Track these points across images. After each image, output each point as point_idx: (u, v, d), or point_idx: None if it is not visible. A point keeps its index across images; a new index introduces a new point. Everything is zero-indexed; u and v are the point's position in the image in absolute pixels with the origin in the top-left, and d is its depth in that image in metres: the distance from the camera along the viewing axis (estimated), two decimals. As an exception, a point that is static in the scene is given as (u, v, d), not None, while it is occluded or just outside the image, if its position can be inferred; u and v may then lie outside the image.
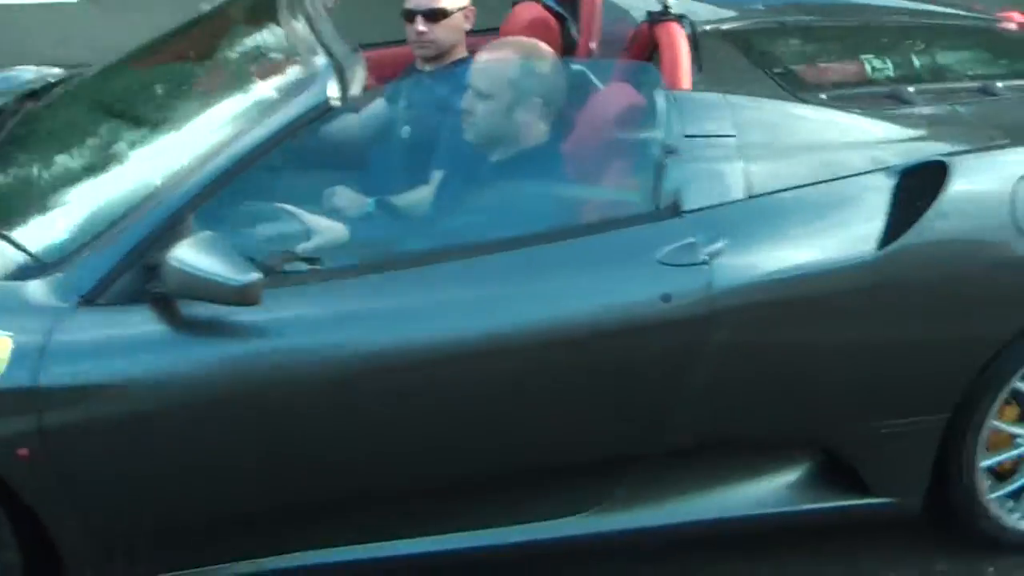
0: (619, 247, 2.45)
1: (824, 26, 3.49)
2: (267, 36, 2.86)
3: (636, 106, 2.63)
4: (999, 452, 2.82)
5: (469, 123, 2.74)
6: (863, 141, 2.66)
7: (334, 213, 2.88)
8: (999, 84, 3.02)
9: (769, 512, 2.69)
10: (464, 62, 3.13)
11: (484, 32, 3.37)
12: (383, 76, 3.30)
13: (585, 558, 2.73)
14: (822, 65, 3.17)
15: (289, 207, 2.75)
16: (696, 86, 2.63)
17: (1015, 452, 2.83)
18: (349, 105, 2.52)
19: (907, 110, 2.87)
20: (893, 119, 2.78)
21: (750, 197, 2.50)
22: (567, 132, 2.75)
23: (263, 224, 2.74)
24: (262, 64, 2.75)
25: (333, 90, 2.44)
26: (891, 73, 3.14)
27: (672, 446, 2.55)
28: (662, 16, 2.72)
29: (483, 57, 2.75)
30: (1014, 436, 2.81)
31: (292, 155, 3.09)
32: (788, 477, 2.71)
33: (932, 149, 2.66)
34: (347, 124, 3.34)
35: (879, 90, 2.99)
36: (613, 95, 2.75)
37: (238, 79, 2.76)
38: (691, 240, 2.43)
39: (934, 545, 2.93)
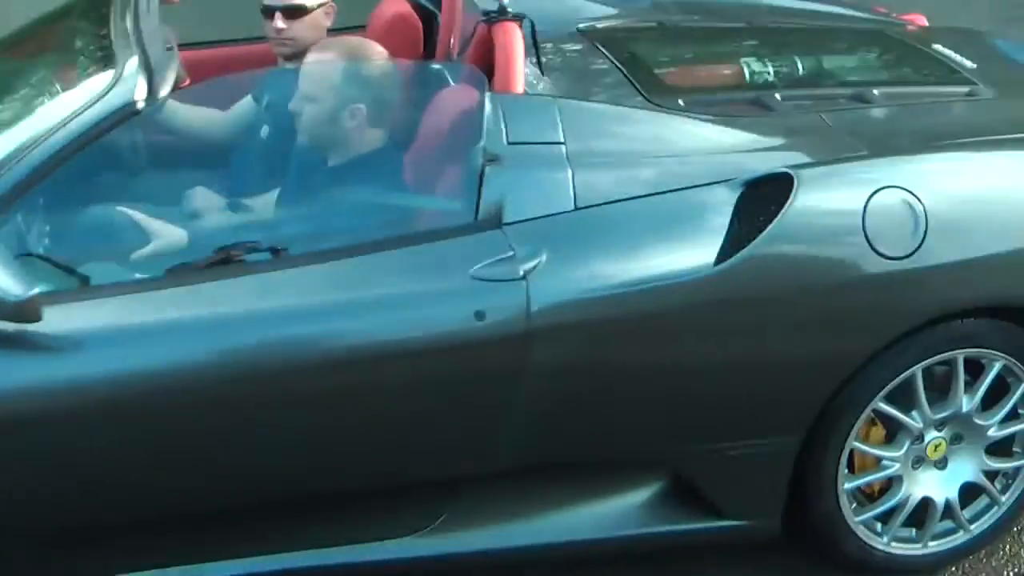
0: (434, 261, 2.31)
1: (709, 27, 3.37)
2: (96, 34, 2.72)
3: (466, 112, 2.49)
4: (864, 474, 2.69)
5: (298, 127, 2.61)
6: (710, 150, 2.52)
7: (192, 216, 2.77)
8: (875, 92, 2.88)
9: (619, 535, 2.57)
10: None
11: (352, 29, 3.25)
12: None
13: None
14: (694, 68, 3.06)
15: (129, 211, 2.65)
16: (534, 89, 2.50)
17: (881, 474, 2.69)
18: (156, 106, 2.38)
19: (769, 118, 2.74)
20: (750, 127, 2.64)
21: (577, 208, 2.36)
22: (400, 138, 2.61)
23: (100, 228, 2.65)
24: (84, 64, 2.62)
25: (140, 92, 2.32)
26: (770, 77, 3.01)
27: (505, 466, 2.42)
28: (499, 16, 2.58)
29: (310, 58, 2.61)
30: (880, 458, 2.68)
31: (162, 154, 3.01)
32: (639, 498, 2.58)
33: (784, 160, 2.51)
34: (216, 122, 3.24)
35: (744, 96, 2.85)
36: (446, 100, 2.61)
37: (58, 80, 2.63)
38: (509, 254, 2.29)
39: (806, 565, 2.81)
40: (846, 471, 2.65)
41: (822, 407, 2.51)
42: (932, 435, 2.69)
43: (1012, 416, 2.73)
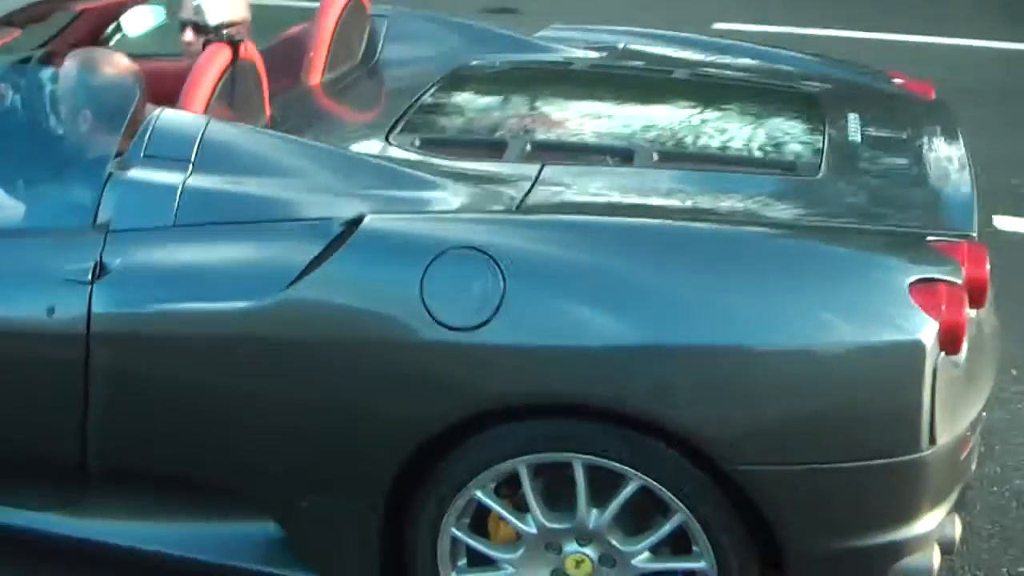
0: (36, 253, 2.48)
1: (608, 73, 3.17)
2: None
3: (130, 122, 2.59)
4: (479, 569, 2.40)
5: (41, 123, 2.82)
6: (355, 188, 2.40)
7: None
8: (655, 155, 2.54)
9: (223, 562, 2.50)
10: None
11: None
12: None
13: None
14: (498, 111, 2.92)
15: None
16: (221, 112, 2.56)
17: (494, 574, 2.39)
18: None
19: (486, 163, 2.55)
20: (438, 171, 2.48)
21: (175, 225, 2.39)
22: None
23: None
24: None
25: None
26: (548, 129, 2.83)
27: (97, 463, 2.48)
28: (213, 37, 2.65)
29: (64, 64, 2.82)
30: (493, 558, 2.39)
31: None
32: (257, 532, 2.50)
33: (425, 204, 2.34)
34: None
35: (492, 140, 2.68)
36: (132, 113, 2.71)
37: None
38: (89, 258, 2.38)
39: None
40: (461, 560, 2.40)
41: (392, 480, 2.30)
42: (572, 548, 2.34)
43: (684, 549, 2.30)
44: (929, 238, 2.29)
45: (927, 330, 2.12)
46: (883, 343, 2.13)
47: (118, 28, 3.66)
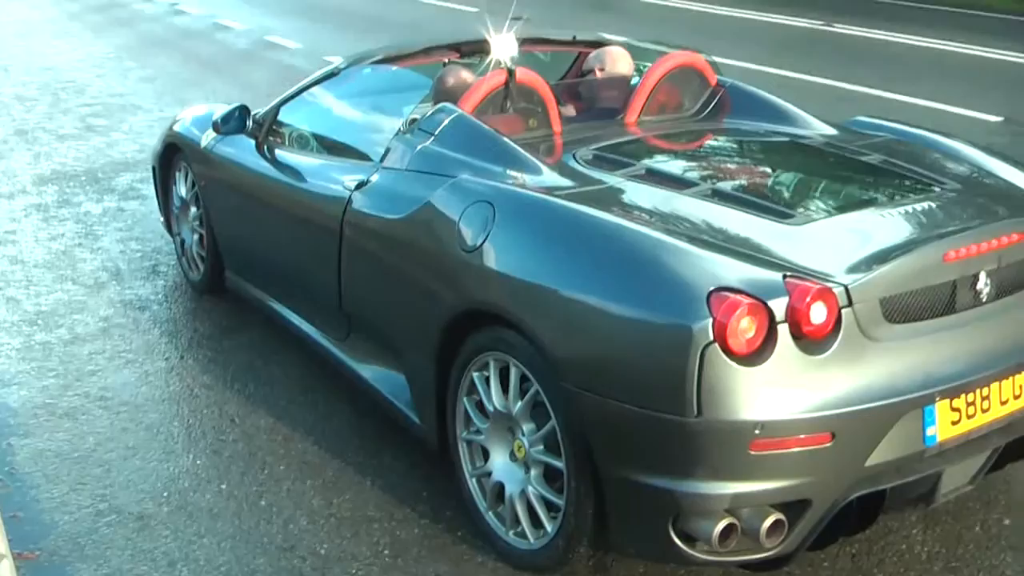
0: (343, 170, 4.07)
1: (818, 149, 3.93)
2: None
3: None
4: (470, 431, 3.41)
5: None
6: (485, 163, 3.58)
7: None
8: (710, 190, 3.33)
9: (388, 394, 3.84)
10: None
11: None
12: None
13: None
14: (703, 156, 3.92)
15: None
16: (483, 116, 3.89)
17: (473, 436, 3.37)
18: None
19: (599, 174, 3.56)
20: (557, 169, 3.58)
21: (405, 169, 3.79)
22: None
23: None
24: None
25: None
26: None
27: (346, 310, 3.98)
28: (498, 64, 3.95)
29: None
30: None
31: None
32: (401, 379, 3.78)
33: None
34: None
35: (622, 161, 3.62)
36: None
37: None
38: (362, 177, 3.90)
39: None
40: (473, 427, 3.41)
41: (436, 352, 3.41)
42: (519, 433, 3.25)
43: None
44: (787, 275, 2.81)
45: (701, 324, 2.74)
46: (672, 324, 2.80)
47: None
